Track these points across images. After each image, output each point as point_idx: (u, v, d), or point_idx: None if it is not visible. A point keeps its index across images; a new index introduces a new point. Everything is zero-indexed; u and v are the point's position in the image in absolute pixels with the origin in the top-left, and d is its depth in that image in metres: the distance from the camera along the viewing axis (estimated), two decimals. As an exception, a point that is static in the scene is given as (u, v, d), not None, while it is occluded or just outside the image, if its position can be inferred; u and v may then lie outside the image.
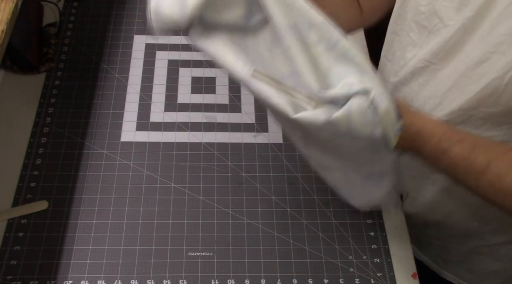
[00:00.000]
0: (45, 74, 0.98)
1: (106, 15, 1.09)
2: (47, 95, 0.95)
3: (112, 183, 0.86)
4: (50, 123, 0.92)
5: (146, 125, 0.93)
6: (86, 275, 0.77)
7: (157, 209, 0.84)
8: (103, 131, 0.92)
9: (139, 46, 1.04)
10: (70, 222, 0.82)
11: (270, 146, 0.92)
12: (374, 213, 0.86)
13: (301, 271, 0.79)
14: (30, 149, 0.88)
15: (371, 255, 0.82)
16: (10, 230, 0.80)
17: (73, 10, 1.09)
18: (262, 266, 0.79)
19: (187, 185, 0.87)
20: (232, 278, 0.78)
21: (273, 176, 0.88)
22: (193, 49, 1.05)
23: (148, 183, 0.87)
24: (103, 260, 0.78)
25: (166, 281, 0.77)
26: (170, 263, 0.79)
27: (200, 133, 0.93)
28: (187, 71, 1.01)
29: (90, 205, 0.83)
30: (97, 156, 0.89)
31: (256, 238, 0.82)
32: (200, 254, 0.80)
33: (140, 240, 0.81)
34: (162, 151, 0.90)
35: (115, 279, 0.77)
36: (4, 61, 0.95)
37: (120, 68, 1.01)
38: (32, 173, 0.86)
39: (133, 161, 0.89)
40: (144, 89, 0.98)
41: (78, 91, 0.97)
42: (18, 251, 0.78)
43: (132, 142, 0.91)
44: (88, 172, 0.87)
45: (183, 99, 0.97)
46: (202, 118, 0.95)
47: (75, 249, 0.79)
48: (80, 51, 1.03)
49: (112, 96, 0.97)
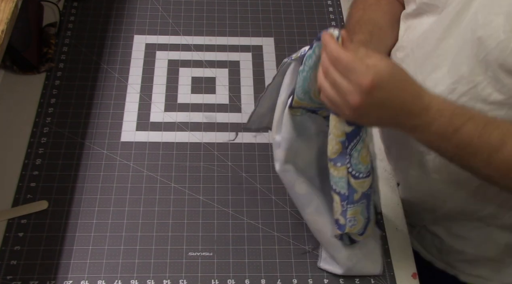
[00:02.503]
0: (45, 74, 0.98)
1: (106, 15, 1.09)
2: (47, 95, 0.95)
3: (112, 183, 0.86)
4: (50, 123, 0.92)
5: (146, 125, 0.93)
6: (86, 275, 0.77)
7: (157, 209, 0.84)
8: (103, 131, 0.92)
9: (139, 46, 1.04)
10: (70, 222, 0.82)
11: (270, 146, 0.92)
12: (374, 213, 0.86)
13: (301, 271, 0.79)
14: (30, 149, 0.88)
15: (371, 255, 0.82)
16: (10, 230, 0.80)
17: (73, 10, 1.09)
18: (262, 266, 0.79)
19: (187, 185, 0.87)
20: (232, 278, 0.78)
21: (273, 176, 0.88)
22: (193, 49, 1.05)
23: (148, 183, 0.86)
24: (103, 260, 0.78)
25: (166, 281, 0.77)
26: (170, 263, 0.79)
27: (200, 133, 0.93)
28: (187, 71, 1.01)
29: (90, 205, 0.83)
30: (97, 156, 0.89)
31: (256, 238, 0.82)
32: (200, 254, 0.80)
33: (140, 240, 0.81)
34: (162, 151, 0.90)
35: (115, 279, 0.77)
36: (4, 61, 0.95)
37: (120, 68, 1.01)
38: (32, 173, 0.86)
39: (133, 161, 0.89)
40: (144, 89, 0.98)
41: (78, 91, 0.97)
42: (18, 251, 0.78)
43: (132, 142, 0.91)
44: (88, 172, 0.87)
45: (183, 99, 0.97)
46: (202, 118, 0.95)
47: (75, 249, 0.79)
48: (80, 51, 1.03)
49: (112, 96, 0.97)
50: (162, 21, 1.09)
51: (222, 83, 1.00)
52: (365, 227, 0.72)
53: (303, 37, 1.08)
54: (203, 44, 1.06)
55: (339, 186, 0.67)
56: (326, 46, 0.58)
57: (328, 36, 0.58)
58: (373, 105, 0.57)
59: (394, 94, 0.57)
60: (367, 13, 0.82)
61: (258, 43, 1.07)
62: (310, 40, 1.07)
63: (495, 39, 0.61)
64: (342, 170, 0.65)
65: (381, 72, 0.56)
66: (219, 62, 1.03)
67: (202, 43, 1.06)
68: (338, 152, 0.64)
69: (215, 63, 1.03)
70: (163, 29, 1.07)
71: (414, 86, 0.59)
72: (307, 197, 0.74)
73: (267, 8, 1.13)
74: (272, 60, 1.04)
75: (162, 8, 1.11)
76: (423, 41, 0.75)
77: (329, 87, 0.59)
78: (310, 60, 0.63)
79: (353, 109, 0.58)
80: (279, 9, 1.13)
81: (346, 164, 0.65)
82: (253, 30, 1.09)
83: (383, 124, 0.67)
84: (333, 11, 1.13)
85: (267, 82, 1.00)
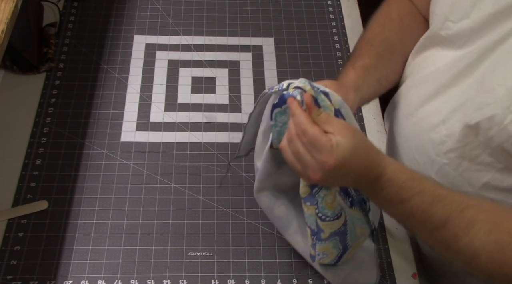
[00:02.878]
0: (45, 74, 0.98)
1: (106, 15, 1.09)
2: (47, 95, 0.95)
3: (112, 183, 0.86)
4: (50, 123, 0.92)
5: (146, 125, 0.93)
6: (86, 275, 0.77)
7: (157, 209, 0.84)
8: (103, 131, 0.92)
9: (139, 46, 1.04)
10: (70, 222, 0.82)
11: (270, 146, 0.92)
12: (374, 213, 0.86)
13: (301, 271, 0.79)
14: (30, 149, 0.88)
15: (371, 255, 0.81)
16: (10, 230, 0.80)
17: (73, 10, 1.09)
18: (262, 266, 0.79)
19: (187, 185, 0.87)
20: (232, 278, 0.78)
21: (273, 176, 0.88)
22: (193, 49, 1.05)
23: (148, 183, 0.86)
24: (103, 260, 0.78)
25: (166, 281, 0.77)
26: (170, 263, 0.79)
27: (200, 133, 0.93)
28: (187, 71, 1.01)
29: (90, 205, 0.83)
30: (97, 156, 0.89)
31: (256, 238, 0.82)
32: (200, 254, 0.80)
33: (140, 240, 0.81)
34: (162, 151, 0.90)
35: (115, 279, 0.77)
36: (4, 61, 0.95)
37: (120, 68, 1.01)
38: (32, 173, 0.86)
39: (133, 161, 0.89)
40: (144, 89, 0.98)
41: (78, 91, 0.97)
42: (18, 251, 0.78)
43: (132, 142, 0.91)
44: (88, 172, 0.87)
45: (183, 99, 0.97)
46: (202, 118, 0.95)
47: (75, 249, 0.79)
48: (80, 51, 1.03)
49: (112, 96, 0.97)
50: (162, 21, 1.09)
51: (222, 83, 1.00)
52: (339, 256, 0.72)
53: (303, 37, 1.08)
54: (203, 44, 1.06)
55: (309, 221, 0.67)
56: (293, 116, 0.59)
57: (295, 104, 0.58)
58: (332, 179, 0.59)
59: (354, 167, 0.58)
60: (384, 31, 0.78)
61: (258, 43, 1.07)
62: (310, 40, 1.07)
63: (491, 110, 0.59)
64: (311, 209, 0.65)
65: (344, 152, 0.56)
66: (219, 62, 1.03)
67: (202, 43, 1.06)
68: (307, 193, 0.64)
69: (215, 63, 1.03)
70: (163, 29, 1.07)
71: (373, 154, 0.60)
72: (286, 219, 0.74)
73: (267, 8, 1.13)
74: (272, 60, 1.04)
75: (162, 8, 1.11)
76: (430, 77, 0.72)
77: (291, 155, 0.60)
78: (283, 117, 0.62)
79: (311, 180, 0.60)
80: (279, 9, 1.13)
81: (314, 205, 0.65)
82: (253, 30, 1.09)
83: (342, 186, 0.67)
84: (333, 11, 1.13)
85: (267, 82, 1.01)
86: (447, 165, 0.67)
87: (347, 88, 0.69)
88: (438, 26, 0.70)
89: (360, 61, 0.74)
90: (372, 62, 0.74)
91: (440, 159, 0.68)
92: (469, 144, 0.64)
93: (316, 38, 1.08)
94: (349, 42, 1.07)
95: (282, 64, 1.03)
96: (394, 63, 0.78)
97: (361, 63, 0.74)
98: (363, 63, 0.74)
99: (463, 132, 0.63)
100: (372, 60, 0.75)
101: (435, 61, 0.72)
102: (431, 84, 0.70)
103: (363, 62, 0.74)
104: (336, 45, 1.07)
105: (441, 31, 0.70)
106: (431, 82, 0.70)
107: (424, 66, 0.74)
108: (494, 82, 0.59)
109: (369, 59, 0.75)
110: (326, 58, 1.05)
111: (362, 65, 0.74)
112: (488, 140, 0.60)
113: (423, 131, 0.70)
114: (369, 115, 0.97)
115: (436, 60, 0.72)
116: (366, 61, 0.74)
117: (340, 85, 0.69)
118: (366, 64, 0.74)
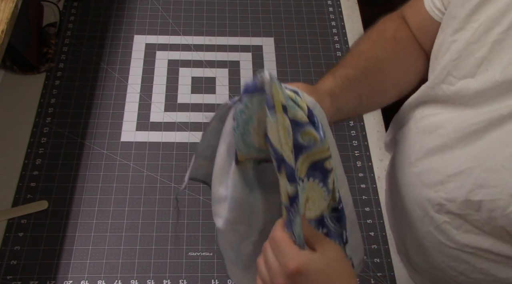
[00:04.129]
0: (45, 74, 0.98)
1: (106, 15, 1.09)
2: (47, 95, 0.95)
3: (112, 183, 0.86)
4: (50, 123, 0.92)
5: (146, 125, 0.93)
6: (86, 275, 0.77)
7: (157, 209, 0.84)
8: (103, 131, 0.92)
9: (139, 46, 1.04)
10: (70, 222, 0.82)
11: (270, 146, 0.92)
12: (375, 213, 0.86)
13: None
14: (30, 149, 0.88)
15: (371, 255, 0.82)
16: (10, 230, 0.80)
17: (73, 10, 1.09)
18: (262, 266, 0.79)
19: (187, 185, 0.87)
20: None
21: (273, 176, 0.88)
22: (193, 49, 1.05)
23: (148, 183, 0.86)
24: (103, 260, 0.78)
25: (166, 281, 0.77)
26: (170, 263, 0.79)
27: (200, 133, 0.93)
28: (187, 71, 1.01)
29: (90, 205, 0.83)
30: (97, 156, 0.89)
31: (256, 238, 0.82)
32: (200, 254, 0.80)
33: (140, 240, 0.81)
34: (162, 151, 0.90)
35: (115, 279, 0.77)
36: (4, 61, 0.95)
37: (120, 68, 1.01)
38: (32, 173, 0.86)
39: (133, 161, 0.89)
40: (144, 89, 0.98)
41: (78, 91, 0.97)
42: (18, 251, 0.78)
43: (132, 142, 0.91)
44: (88, 172, 0.87)
45: (183, 99, 0.97)
46: (202, 118, 0.95)
47: (75, 249, 0.79)
48: (80, 51, 1.03)
49: (112, 96, 0.97)
50: (162, 21, 1.09)
51: (222, 83, 1.00)
52: None
53: (303, 37, 1.08)
54: (203, 44, 1.06)
55: None
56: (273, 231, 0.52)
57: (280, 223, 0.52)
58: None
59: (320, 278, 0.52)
60: (375, 49, 0.72)
61: (258, 43, 1.07)
62: (310, 40, 1.08)
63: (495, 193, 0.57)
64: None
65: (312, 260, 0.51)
66: (219, 62, 1.03)
67: (202, 43, 1.06)
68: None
69: (215, 63, 1.03)
70: (163, 29, 1.07)
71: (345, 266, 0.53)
72: (252, 258, 0.61)
73: (267, 8, 1.13)
74: (272, 60, 1.04)
75: (162, 8, 1.11)
76: (434, 130, 0.67)
77: (262, 264, 0.55)
78: (243, 115, 0.52)
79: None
80: (279, 9, 1.13)
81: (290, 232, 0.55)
82: (253, 30, 1.09)
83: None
84: (333, 11, 1.13)
85: (267, 82, 1.00)
86: (448, 223, 0.65)
87: (322, 93, 0.63)
88: (439, 78, 0.65)
89: (342, 70, 0.68)
90: (356, 75, 0.68)
91: (439, 216, 0.65)
92: (470, 215, 0.61)
93: (316, 38, 1.08)
94: (349, 42, 1.07)
95: (282, 64, 1.04)
96: (381, 84, 0.71)
97: (343, 72, 0.67)
98: (345, 73, 0.67)
99: (465, 204, 0.61)
100: (356, 72, 0.68)
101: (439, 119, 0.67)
102: (434, 139, 0.66)
103: (345, 72, 0.67)
104: (336, 45, 1.07)
105: (442, 85, 0.65)
106: (434, 137, 0.66)
107: (427, 115, 0.69)
108: (499, 162, 0.56)
109: (353, 70, 0.68)
110: (326, 58, 1.05)
111: (344, 75, 0.67)
112: (490, 219, 0.58)
113: (423, 186, 0.66)
114: (369, 115, 0.97)
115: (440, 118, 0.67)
116: (349, 72, 0.67)
117: (313, 90, 0.61)
118: (348, 74, 0.67)
